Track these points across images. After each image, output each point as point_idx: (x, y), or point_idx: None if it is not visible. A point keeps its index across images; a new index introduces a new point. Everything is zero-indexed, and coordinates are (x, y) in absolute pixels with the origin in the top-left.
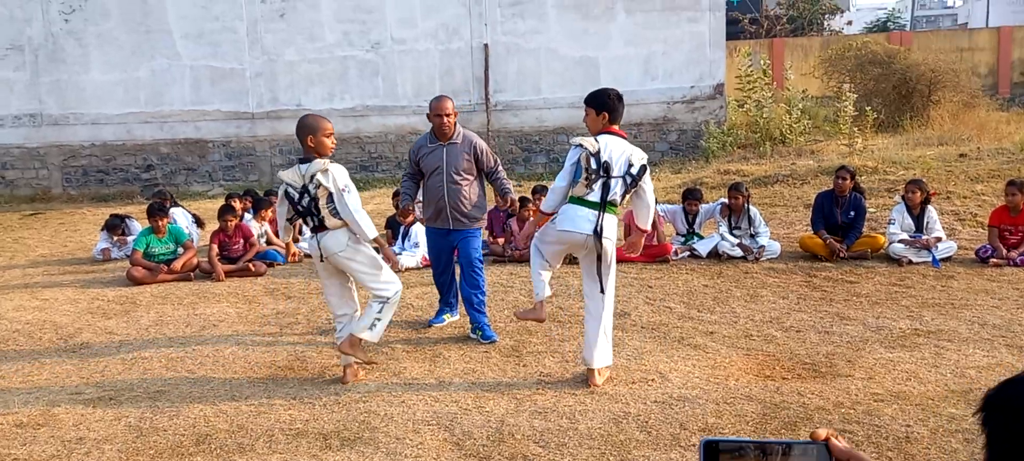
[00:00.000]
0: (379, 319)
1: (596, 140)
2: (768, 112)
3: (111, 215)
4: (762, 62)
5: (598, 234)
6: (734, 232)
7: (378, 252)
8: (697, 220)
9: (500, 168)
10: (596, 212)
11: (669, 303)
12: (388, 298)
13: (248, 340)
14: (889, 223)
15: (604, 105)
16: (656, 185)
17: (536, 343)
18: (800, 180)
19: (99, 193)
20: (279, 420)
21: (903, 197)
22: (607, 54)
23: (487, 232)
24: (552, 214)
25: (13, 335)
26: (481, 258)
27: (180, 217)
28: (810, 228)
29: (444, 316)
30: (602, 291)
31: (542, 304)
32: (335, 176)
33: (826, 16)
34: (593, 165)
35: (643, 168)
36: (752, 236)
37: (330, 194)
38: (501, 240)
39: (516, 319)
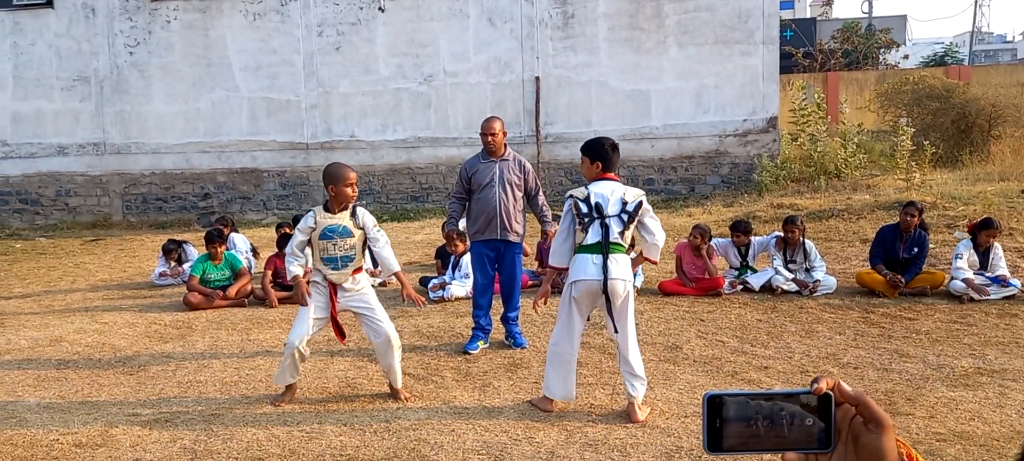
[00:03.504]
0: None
1: (586, 188)
2: (822, 146)
3: (168, 240)
4: (816, 96)
5: (605, 277)
6: (789, 266)
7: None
8: (750, 252)
9: (542, 195)
10: (600, 255)
11: (722, 337)
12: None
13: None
14: (956, 257)
15: (597, 154)
16: (708, 218)
17: (586, 375)
18: (856, 215)
19: (158, 220)
20: (330, 446)
21: (969, 233)
22: (659, 87)
23: (537, 263)
24: (562, 269)
25: (74, 357)
26: (520, 276)
27: (240, 242)
28: (868, 263)
29: (478, 343)
30: (615, 331)
31: (553, 402)
32: (300, 226)
33: (881, 50)
34: (583, 209)
35: (639, 204)
36: (807, 270)
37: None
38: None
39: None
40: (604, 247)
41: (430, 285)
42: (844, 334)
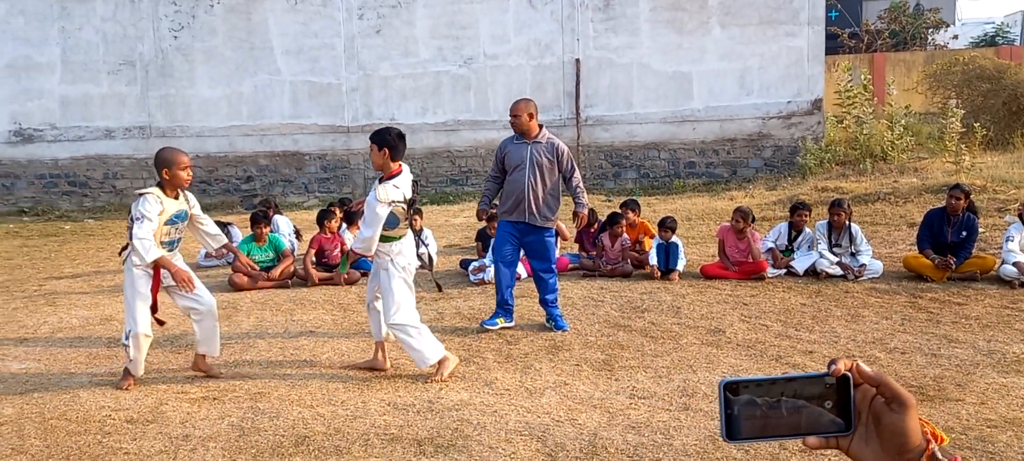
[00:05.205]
0: (131, 358)
1: (396, 186)
2: (869, 128)
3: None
4: (862, 77)
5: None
6: (834, 250)
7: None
8: (799, 238)
9: (578, 175)
10: (413, 240)
11: (765, 321)
12: (127, 333)
13: (343, 346)
14: (1006, 240)
15: (386, 142)
16: (750, 202)
17: (628, 357)
18: (903, 198)
19: (202, 203)
20: (374, 425)
21: (1020, 216)
22: (701, 68)
23: (577, 246)
24: (359, 255)
25: (120, 337)
26: (554, 259)
27: (283, 224)
28: (915, 247)
29: (498, 320)
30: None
31: (446, 361)
32: (133, 206)
33: (930, 30)
34: (408, 209)
35: (416, 184)
36: (853, 254)
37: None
38: (593, 253)
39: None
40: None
41: (470, 268)
42: (891, 319)
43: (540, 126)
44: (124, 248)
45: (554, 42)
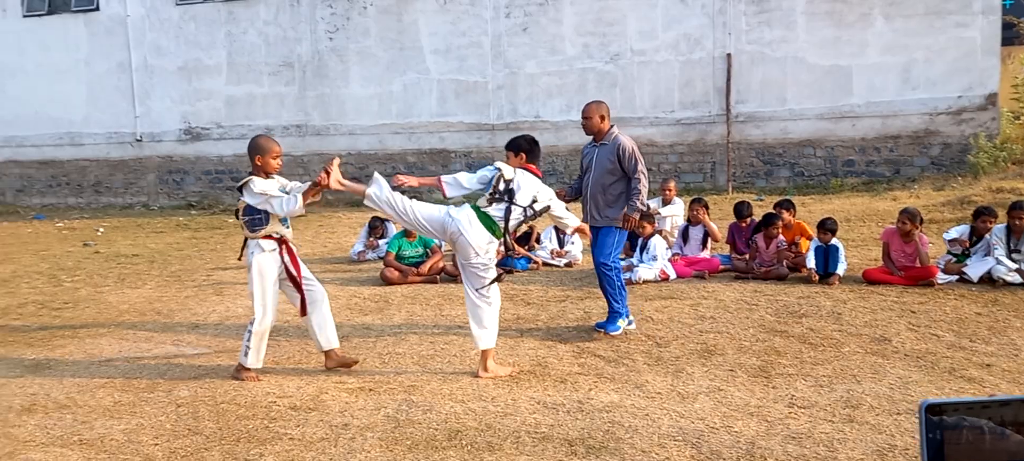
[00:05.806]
0: (248, 347)
1: (518, 172)
2: None
3: (373, 217)
4: None
5: (478, 252)
6: (1012, 256)
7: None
8: (981, 241)
9: (638, 174)
10: (493, 237)
11: (936, 330)
12: (253, 321)
13: None
14: None
15: (521, 147)
16: (916, 203)
17: (786, 364)
18: None
19: (353, 199)
20: (525, 423)
21: None
22: (861, 62)
23: (730, 247)
24: (441, 190)
25: (284, 326)
26: (610, 258)
27: None
28: None
29: (619, 322)
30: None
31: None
32: (252, 187)
33: None
34: (500, 187)
35: (547, 206)
36: None
37: (245, 206)
38: (747, 256)
39: None
40: (503, 230)
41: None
42: None
43: (611, 126)
44: (243, 249)
45: (704, 36)
